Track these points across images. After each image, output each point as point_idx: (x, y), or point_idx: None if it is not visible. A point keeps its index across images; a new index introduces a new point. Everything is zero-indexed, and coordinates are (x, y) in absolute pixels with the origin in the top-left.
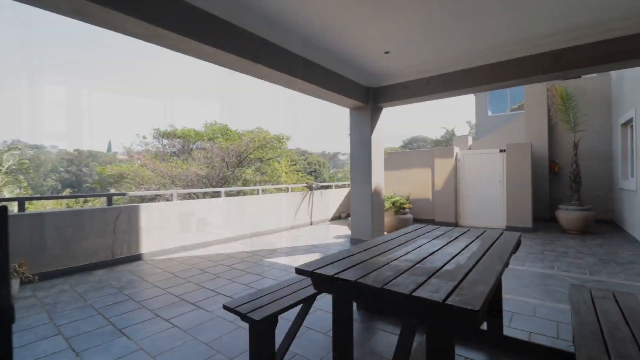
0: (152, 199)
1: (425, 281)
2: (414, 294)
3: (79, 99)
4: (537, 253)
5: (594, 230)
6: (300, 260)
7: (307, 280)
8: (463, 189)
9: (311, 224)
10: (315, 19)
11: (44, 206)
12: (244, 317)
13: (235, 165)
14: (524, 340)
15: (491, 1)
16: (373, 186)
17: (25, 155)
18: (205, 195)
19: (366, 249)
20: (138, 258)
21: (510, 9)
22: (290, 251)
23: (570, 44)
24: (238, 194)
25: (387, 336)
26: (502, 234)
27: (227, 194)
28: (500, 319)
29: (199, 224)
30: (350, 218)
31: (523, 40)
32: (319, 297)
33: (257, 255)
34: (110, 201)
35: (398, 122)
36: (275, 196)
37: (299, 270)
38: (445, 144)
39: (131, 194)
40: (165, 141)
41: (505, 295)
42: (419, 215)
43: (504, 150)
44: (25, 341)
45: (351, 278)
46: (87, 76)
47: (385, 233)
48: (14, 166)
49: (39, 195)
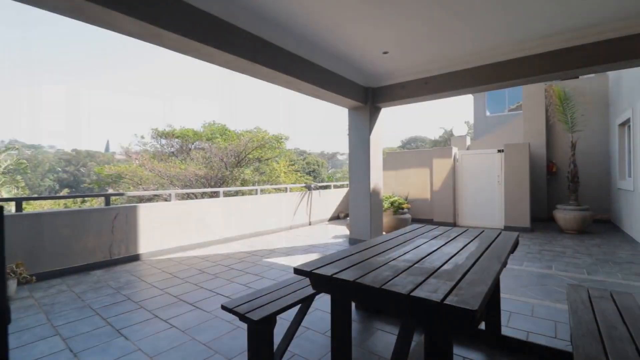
0: (150, 199)
1: (423, 281)
2: (412, 294)
3: (77, 99)
4: (535, 253)
5: (592, 230)
6: (298, 261)
7: (306, 280)
8: (461, 189)
9: (310, 224)
10: (314, 19)
11: (42, 206)
12: (243, 318)
13: (233, 165)
14: (522, 339)
15: (490, 2)
16: (372, 186)
17: (22, 155)
18: (203, 195)
19: (365, 249)
20: (136, 258)
21: (509, 10)
22: (289, 251)
23: (569, 45)
24: (237, 194)
25: (386, 336)
26: (500, 233)
27: (226, 194)
28: (499, 318)
29: (198, 224)
30: (348, 218)
31: (521, 40)
32: (317, 297)
33: (256, 255)
34: (108, 201)
35: (397, 122)
36: (273, 196)
37: (298, 271)
38: (443, 144)
39: (129, 194)
40: (163, 141)
41: (503, 295)
42: (417, 215)
43: (502, 151)
44: (22, 342)
45: (350, 278)
46: (86, 76)
47: (384, 233)
48: (11, 166)
49: (36, 196)
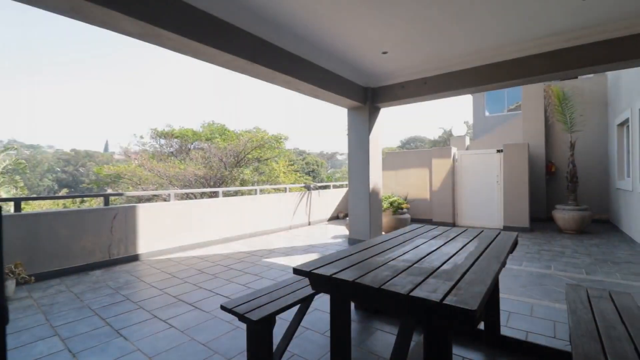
0: (150, 199)
1: (422, 281)
2: (411, 294)
3: (76, 99)
4: (534, 253)
5: (591, 230)
6: (298, 261)
7: (305, 280)
8: (460, 189)
9: (309, 224)
10: (313, 19)
11: (41, 206)
12: (242, 318)
13: (233, 165)
14: (521, 339)
15: (489, 2)
16: (371, 186)
17: (21, 155)
18: (203, 195)
19: (364, 249)
20: (135, 258)
21: (508, 10)
22: (288, 251)
23: (568, 45)
24: (236, 194)
25: (385, 336)
26: (499, 233)
27: (225, 194)
28: (498, 318)
29: (197, 224)
30: (348, 218)
31: (521, 40)
32: (316, 297)
33: (255, 255)
34: (107, 201)
35: (396, 122)
36: (273, 196)
37: (297, 271)
38: (442, 144)
39: (128, 194)
40: (162, 141)
41: (502, 294)
42: (416, 215)
43: (501, 151)
44: (21, 342)
45: (349, 278)
46: (85, 76)
47: (383, 233)
48: (10, 166)
49: (35, 196)
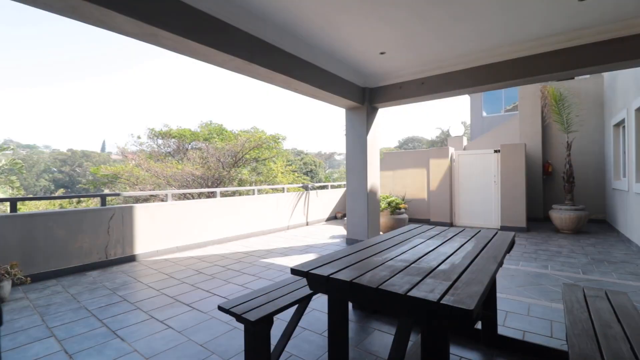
0: (147, 200)
1: (420, 281)
2: (409, 293)
3: (73, 99)
4: (531, 252)
5: (587, 229)
6: (296, 261)
7: (303, 280)
8: (458, 189)
9: (307, 224)
10: (311, 19)
11: (37, 207)
12: (240, 318)
13: (230, 165)
14: (518, 339)
15: (487, 2)
16: (369, 186)
17: (17, 155)
18: (200, 195)
19: (362, 249)
20: (132, 259)
21: (506, 11)
22: (286, 251)
23: (566, 45)
24: (234, 194)
25: (383, 336)
26: (497, 233)
27: (223, 194)
28: (495, 318)
29: (194, 225)
30: (346, 218)
31: (518, 41)
32: (314, 298)
33: (253, 255)
34: (104, 202)
35: (394, 123)
36: (271, 196)
37: (295, 271)
38: (440, 144)
39: (125, 194)
40: (160, 141)
41: (499, 294)
42: (414, 215)
43: (499, 151)
44: (17, 343)
45: (346, 278)
46: (83, 75)
47: (381, 233)
48: (6, 166)
49: (31, 196)
